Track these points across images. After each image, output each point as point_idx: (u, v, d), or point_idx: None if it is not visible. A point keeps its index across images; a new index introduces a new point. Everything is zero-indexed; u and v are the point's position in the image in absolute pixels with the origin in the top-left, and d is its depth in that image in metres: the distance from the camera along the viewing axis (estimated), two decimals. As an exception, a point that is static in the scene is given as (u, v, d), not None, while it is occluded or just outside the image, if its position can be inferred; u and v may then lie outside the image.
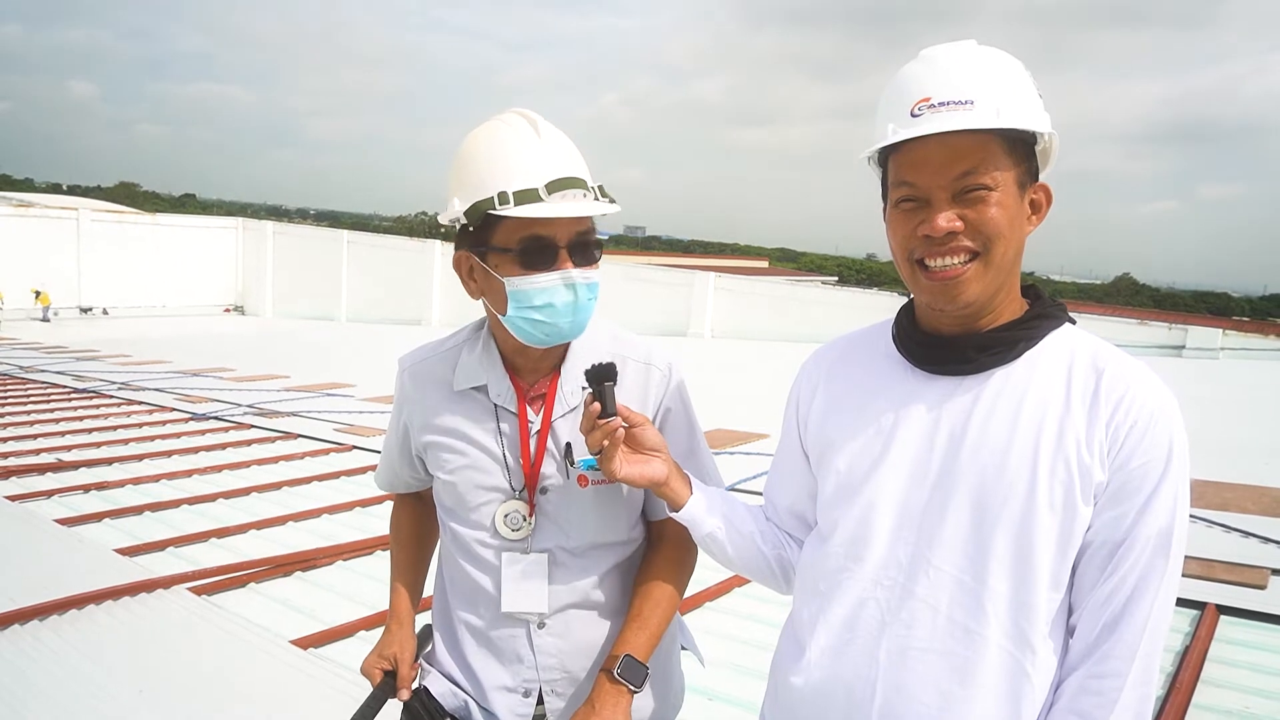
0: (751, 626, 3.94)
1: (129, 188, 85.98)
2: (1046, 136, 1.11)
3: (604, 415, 1.26)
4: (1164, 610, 1.05)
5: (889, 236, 1.16)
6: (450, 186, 1.37)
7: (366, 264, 27.56)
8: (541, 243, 1.31)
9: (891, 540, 1.14)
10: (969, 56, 1.10)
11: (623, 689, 1.32)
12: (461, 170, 1.35)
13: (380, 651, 1.52)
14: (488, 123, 1.37)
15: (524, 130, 1.33)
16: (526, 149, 1.32)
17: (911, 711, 1.10)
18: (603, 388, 1.27)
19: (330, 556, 4.87)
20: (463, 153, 1.36)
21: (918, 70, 1.11)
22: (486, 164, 1.31)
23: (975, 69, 1.09)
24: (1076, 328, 1.16)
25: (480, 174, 1.31)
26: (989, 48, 1.12)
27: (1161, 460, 1.05)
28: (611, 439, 1.27)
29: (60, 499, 5.97)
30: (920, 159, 1.09)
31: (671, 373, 1.47)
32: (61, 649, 3.50)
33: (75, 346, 17.30)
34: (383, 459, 1.63)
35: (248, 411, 9.54)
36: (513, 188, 1.28)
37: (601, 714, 1.30)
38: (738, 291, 22.14)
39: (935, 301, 1.12)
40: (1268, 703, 3.32)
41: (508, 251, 1.32)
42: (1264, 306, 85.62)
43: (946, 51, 1.11)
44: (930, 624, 1.10)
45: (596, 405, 1.27)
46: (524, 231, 1.30)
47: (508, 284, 1.32)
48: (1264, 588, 4.47)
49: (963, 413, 1.11)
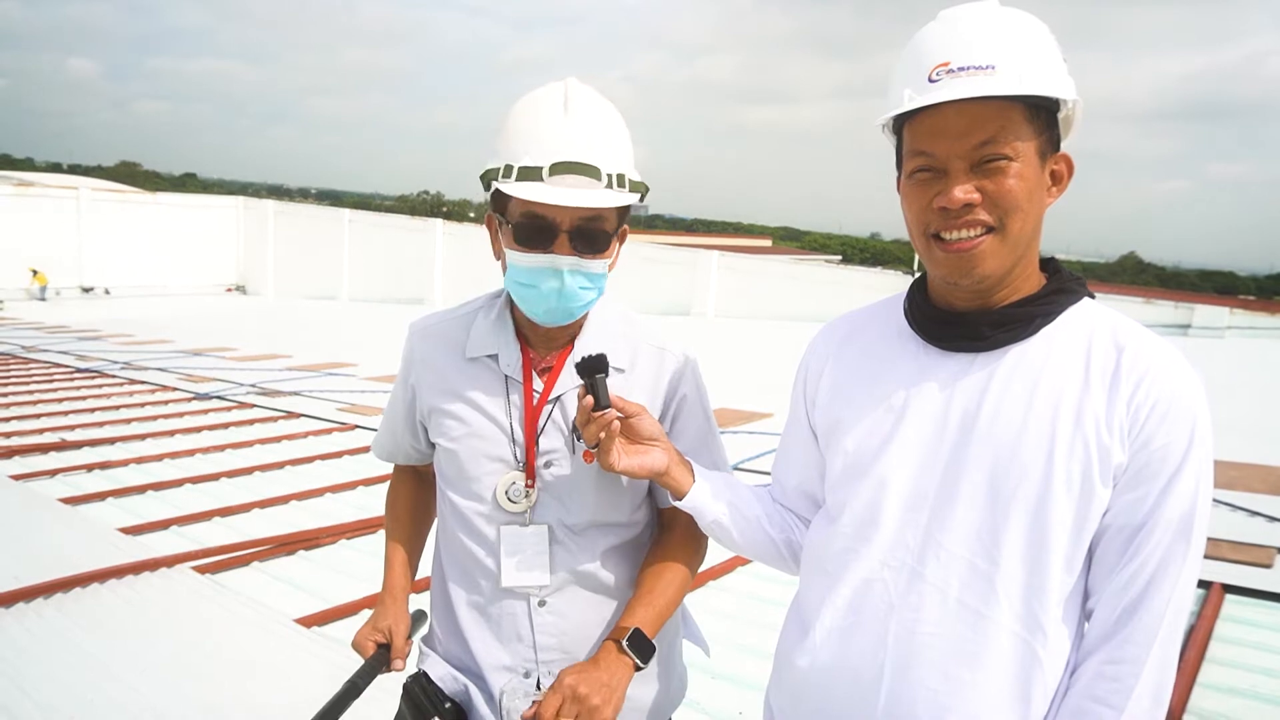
0: (755, 605, 3.94)
1: (130, 167, 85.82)
2: (1070, 104, 1.06)
3: (598, 408, 1.24)
4: (1184, 596, 1.02)
5: (904, 208, 1.12)
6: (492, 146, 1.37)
7: (368, 243, 27.48)
8: (539, 223, 1.28)
9: (901, 522, 1.11)
10: (991, 18, 1.05)
11: (627, 660, 1.30)
12: (497, 133, 1.34)
13: (374, 624, 1.50)
14: (532, 91, 1.34)
15: (553, 104, 1.30)
16: (545, 125, 1.28)
17: (919, 696, 1.08)
18: (594, 380, 1.24)
19: (333, 535, 4.87)
20: (504, 116, 1.35)
21: (936, 32, 1.06)
22: (510, 133, 1.30)
23: (997, 32, 1.04)
24: (1096, 303, 1.12)
25: (502, 141, 1.31)
26: (1012, 9, 1.07)
27: (1184, 441, 1.01)
28: (608, 431, 1.24)
29: (63, 478, 5.98)
30: (938, 127, 1.04)
31: (687, 359, 1.46)
32: (66, 627, 3.51)
33: (77, 326, 17.30)
34: (383, 426, 1.60)
35: (250, 391, 9.54)
36: (519, 163, 1.26)
37: (603, 672, 1.27)
38: (741, 270, 22.05)
39: (950, 275, 1.08)
40: (1273, 681, 3.32)
41: (509, 224, 1.31)
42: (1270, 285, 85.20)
43: (967, 12, 1.06)
44: (939, 608, 1.08)
45: (590, 399, 1.24)
46: (525, 208, 1.28)
47: (506, 254, 1.34)
48: (1270, 566, 4.46)
49: (977, 391, 1.08)
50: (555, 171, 1.25)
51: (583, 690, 1.23)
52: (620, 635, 1.32)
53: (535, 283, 1.31)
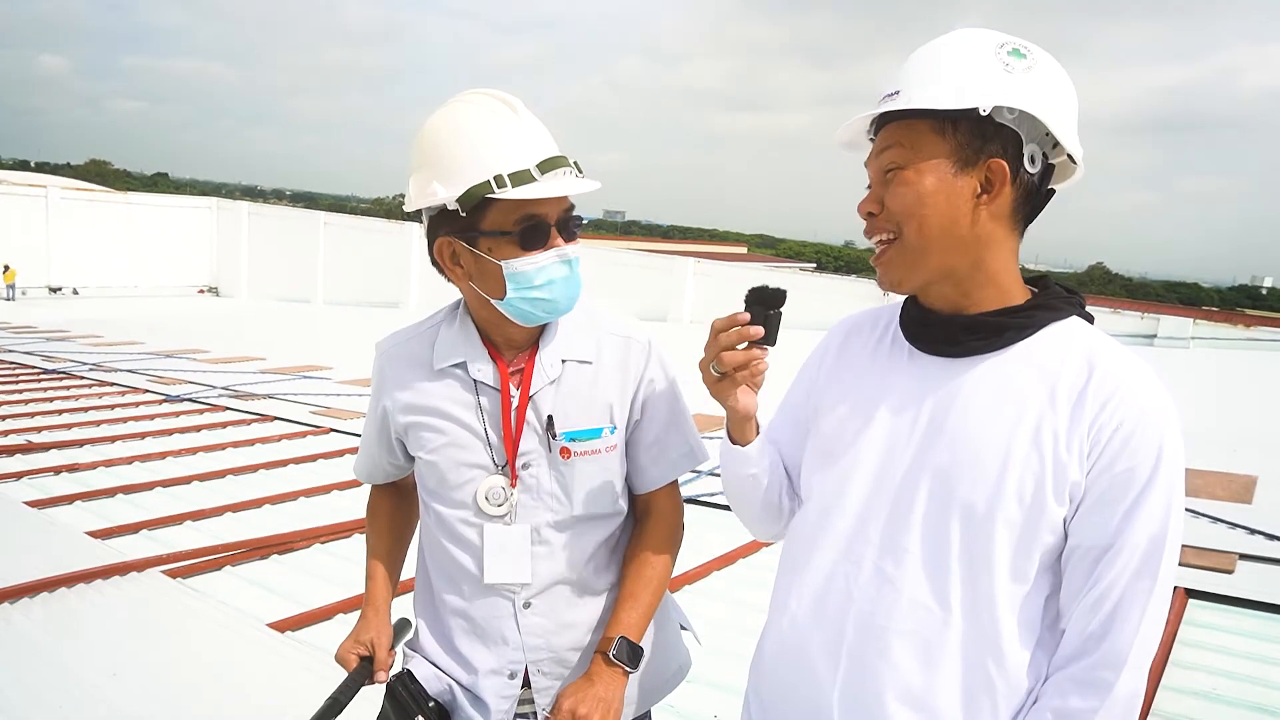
0: (735, 609, 3.96)
1: (100, 165, 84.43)
2: (1009, 112, 1.04)
3: (764, 342, 1.17)
4: (1154, 621, 1.02)
5: None
6: (421, 172, 1.33)
7: (344, 246, 27.24)
8: (536, 222, 1.31)
9: (862, 514, 1.15)
10: (926, 48, 1.12)
11: (618, 669, 1.35)
12: (435, 154, 1.31)
13: (356, 637, 1.50)
14: (454, 105, 1.33)
15: (502, 111, 1.32)
16: (510, 129, 1.30)
17: (874, 687, 1.11)
18: (770, 315, 1.16)
19: (307, 539, 4.83)
20: (434, 136, 1.32)
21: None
22: (470, 147, 1.28)
23: (920, 57, 1.11)
24: (1084, 324, 1.11)
25: (464, 158, 1.28)
26: (966, 31, 1.11)
27: (1149, 464, 1.00)
28: (750, 369, 1.18)
29: (30, 481, 5.87)
30: (873, 149, 1.16)
31: (650, 345, 1.47)
32: (32, 632, 3.45)
33: (44, 326, 16.99)
34: (361, 448, 1.61)
35: (223, 393, 9.43)
36: (506, 170, 1.27)
37: (597, 688, 1.33)
38: (717, 277, 22.13)
39: (878, 283, 1.18)
40: (1234, 684, 3.40)
41: (504, 234, 1.30)
42: (1233, 297, 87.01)
43: (923, 45, 1.13)
44: (894, 603, 1.10)
45: (758, 329, 1.15)
46: (519, 213, 1.29)
47: (506, 267, 1.31)
48: (1232, 572, 4.56)
49: (947, 395, 1.11)
50: (545, 169, 1.29)
51: (582, 711, 1.30)
52: (607, 647, 1.36)
53: (552, 278, 1.33)
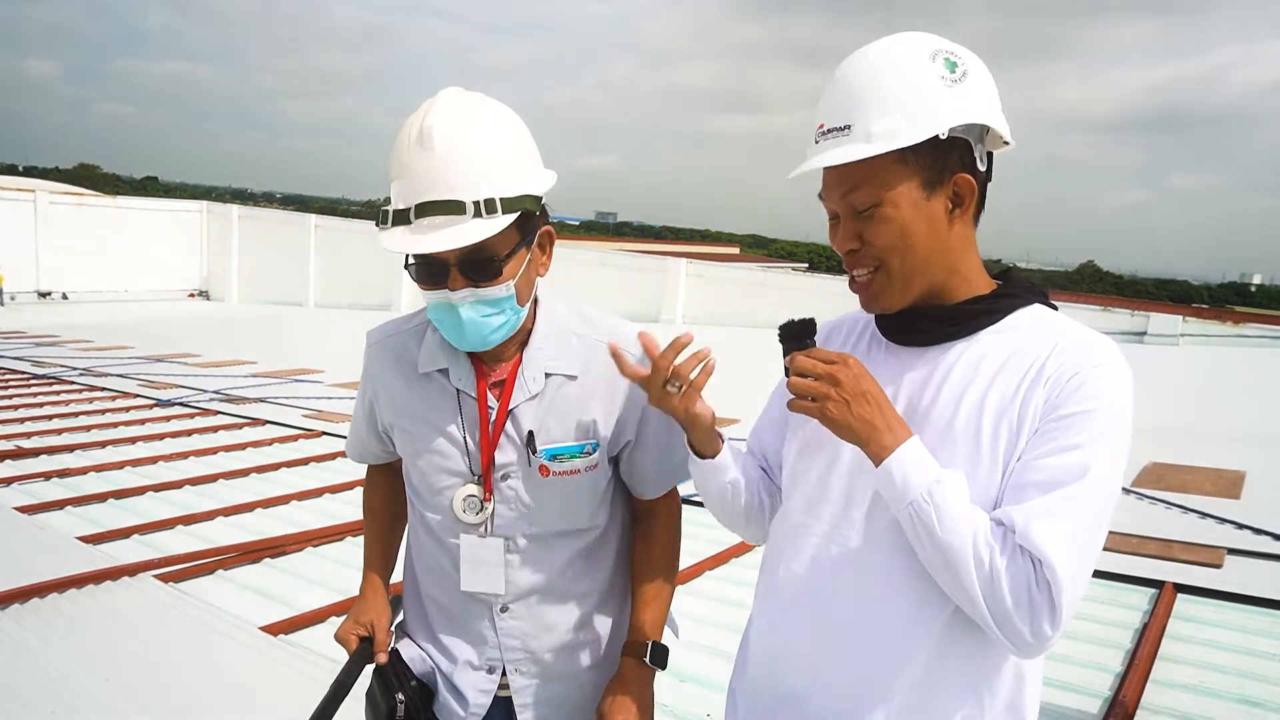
0: (724, 609, 3.97)
1: (89, 169, 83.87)
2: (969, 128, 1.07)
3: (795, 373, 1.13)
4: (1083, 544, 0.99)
5: None
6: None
7: (335, 248, 27.13)
8: (426, 260, 1.25)
9: (845, 502, 1.16)
10: (859, 68, 1.10)
11: (649, 671, 1.43)
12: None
13: (356, 618, 1.52)
14: (412, 114, 1.26)
15: (409, 137, 1.22)
16: (405, 161, 1.22)
17: (861, 675, 1.12)
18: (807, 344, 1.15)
19: (300, 543, 4.83)
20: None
21: (826, 89, 1.14)
22: (390, 167, 1.25)
23: (859, 83, 1.09)
24: (1049, 310, 1.14)
25: (389, 173, 1.27)
26: (896, 43, 1.10)
27: (1096, 410, 1.01)
28: (705, 367, 1.24)
29: (20, 486, 5.85)
30: (826, 182, 1.15)
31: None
32: (23, 638, 3.44)
33: (34, 331, 16.89)
34: (352, 429, 1.62)
35: (214, 398, 9.39)
36: (393, 206, 1.23)
37: (631, 690, 1.40)
38: (709, 278, 22.14)
39: (861, 306, 1.20)
40: (1223, 678, 3.42)
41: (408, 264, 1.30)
42: (1222, 294, 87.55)
43: (849, 64, 1.12)
44: (879, 586, 1.12)
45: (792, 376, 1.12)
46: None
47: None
48: (1220, 567, 4.60)
49: (920, 383, 1.14)
50: (420, 214, 1.21)
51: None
52: (640, 653, 1.42)
53: (440, 318, 1.30)
